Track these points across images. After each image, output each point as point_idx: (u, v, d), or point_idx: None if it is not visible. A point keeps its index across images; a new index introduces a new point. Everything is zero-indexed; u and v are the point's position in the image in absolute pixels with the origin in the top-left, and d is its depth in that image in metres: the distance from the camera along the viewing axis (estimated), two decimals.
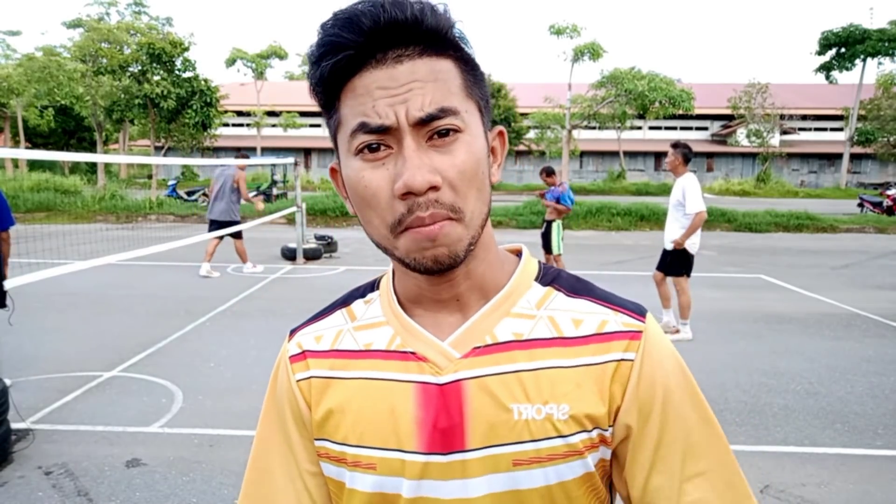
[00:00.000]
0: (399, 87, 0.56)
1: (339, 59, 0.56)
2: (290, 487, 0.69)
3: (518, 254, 0.72)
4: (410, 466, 0.62)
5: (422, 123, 0.56)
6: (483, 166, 0.60)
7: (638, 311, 0.66)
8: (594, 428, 0.62)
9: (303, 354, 0.71)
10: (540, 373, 0.62)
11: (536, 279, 0.68)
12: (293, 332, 0.75)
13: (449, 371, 0.63)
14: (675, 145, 5.47)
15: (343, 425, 0.65)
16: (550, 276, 0.69)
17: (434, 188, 0.56)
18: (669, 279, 5.70)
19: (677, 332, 5.57)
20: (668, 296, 5.77)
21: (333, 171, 0.66)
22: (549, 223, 7.51)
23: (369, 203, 0.58)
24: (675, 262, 5.57)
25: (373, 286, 0.74)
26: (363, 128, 0.57)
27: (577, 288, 0.68)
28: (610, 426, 0.63)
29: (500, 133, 0.68)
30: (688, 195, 5.32)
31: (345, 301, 0.74)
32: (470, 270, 0.64)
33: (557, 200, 7.36)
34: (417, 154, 0.56)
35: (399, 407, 0.63)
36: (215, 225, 8.28)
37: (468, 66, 0.61)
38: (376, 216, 0.59)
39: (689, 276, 5.61)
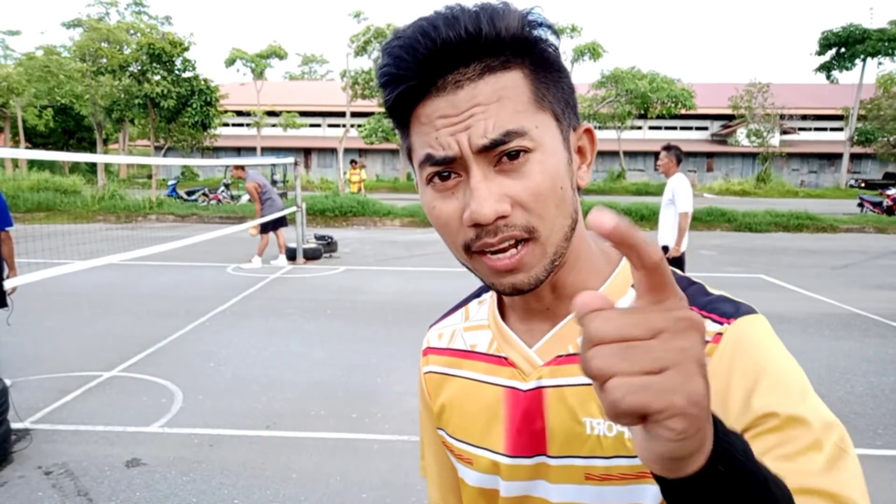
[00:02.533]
0: (460, 115, 0.54)
1: (401, 91, 0.55)
2: (434, 462, 0.81)
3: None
4: (500, 467, 0.65)
5: (486, 150, 0.54)
6: (561, 180, 0.56)
7: (726, 314, 0.58)
8: None
9: (428, 350, 0.78)
10: None
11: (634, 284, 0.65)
12: (430, 326, 0.80)
13: (532, 378, 0.64)
14: (667, 147, 5.59)
15: (453, 420, 0.71)
16: None
17: (502, 217, 0.54)
18: None
19: None
20: None
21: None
22: None
23: (443, 231, 0.59)
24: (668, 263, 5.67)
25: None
26: (429, 160, 0.56)
27: None
28: None
29: (588, 131, 0.62)
30: (678, 195, 5.47)
31: (467, 300, 0.78)
32: (556, 282, 0.62)
33: None
34: (485, 184, 0.54)
35: (492, 409, 0.66)
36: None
37: (540, 70, 0.56)
38: (451, 242, 0.59)
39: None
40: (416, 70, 0.53)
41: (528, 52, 0.55)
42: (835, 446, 0.50)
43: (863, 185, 32.86)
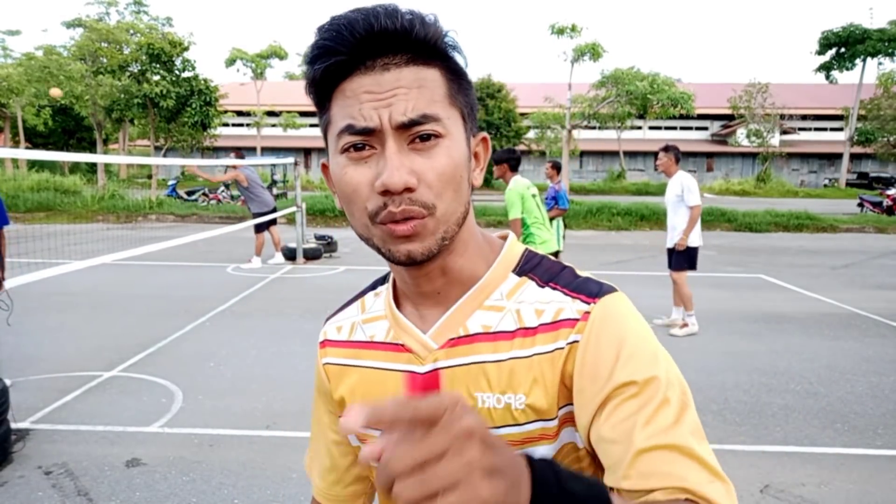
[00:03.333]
0: (384, 93, 0.59)
1: (330, 64, 0.60)
2: (324, 452, 0.85)
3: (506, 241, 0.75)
4: None
5: (404, 127, 0.59)
6: (461, 170, 0.63)
7: (592, 294, 0.66)
8: (548, 418, 0.64)
9: (326, 342, 0.82)
10: (501, 364, 0.66)
11: (514, 269, 0.71)
12: (326, 320, 0.85)
13: (428, 361, 0.69)
14: (666, 148, 5.73)
15: None
16: (529, 267, 0.71)
17: (409, 189, 0.59)
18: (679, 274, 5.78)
19: (685, 325, 5.70)
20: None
21: (325, 167, 0.69)
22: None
23: (350, 197, 0.63)
24: (680, 258, 5.73)
25: (385, 278, 0.81)
26: (349, 129, 0.60)
27: (549, 277, 0.70)
28: (565, 406, 0.64)
29: (484, 139, 0.71)
30: (687, 190, 5.57)
31: (363, 292, 0.83)
32: (446, 266, 0.68)
33: (555, 199, 7.51)
34: (398, 156, 0.59)
35: (392, 393, 0.71)
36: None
37: (454, 76, 0.64)
38: (357, 208, 0.63)
39: (693, 269, 5.80)
40: (351, 47, 0.59)
41: (445, 59, 0.63)
42: (679, 401, 0.60)
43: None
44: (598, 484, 0.47)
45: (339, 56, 0.59)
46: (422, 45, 0.61)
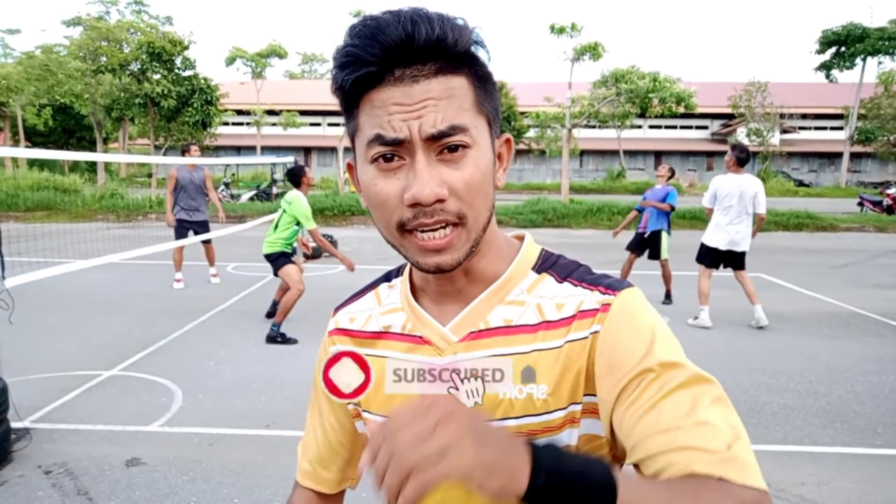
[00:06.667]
0: (414, 104, 0.60)
1: (360, 75, 0.60)
2: (319, 437, 0.86)
3: (522, 241, 0.77)
4: None
5: (433, 139, 0.60)
6: (488, 177, 0.65)
7: (612, 287, 0.68)
8: (571, 404, 0.66)
9: (336, 331, 0.82)
10: (523, 356, 0.68)
11: (533, 267, 0.73)
12: (336, 309, 0.86)
13: (448, 353, 0.71)
14: (732, 147, 6.06)
15: (369, 395, 0.76)
16: (547, 265, 0.74)
17: (440, 200, 0.61)
18: (740, 273, 6.05)
19: (697, 318, 5.91)
20: (754, 291, 5.97)
21: (351, 168, 0.71)
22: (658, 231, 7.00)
23: (380, 208, 0.64)
24: (699, 251, 6.16)
25: (399, 271, 0.83)
26: (379, 139, 0.61)
27: (567, 273, 0.72)
28: (588, 396, 0.66)
29: (508, 141, 0.72)
30: (707, 193, 5.99)
31: (376, 283, 0.84)
32: (469, 268, 0.70)
33: (664, 199, 6.95)
34: (428, 168, 0.60)
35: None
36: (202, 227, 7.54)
37: (482, 81, 0.65)
38: (384, 219, 0.64)
39: (704, 265, 6.05)
40: (380, 58, 0.59)
41: (473, 64, 0.64)
42: (694, 379, 0.63)
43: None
44: (599, 459, 0.50)
45: (369, 67, 0.59)
46: (451, 52, 0.61)
